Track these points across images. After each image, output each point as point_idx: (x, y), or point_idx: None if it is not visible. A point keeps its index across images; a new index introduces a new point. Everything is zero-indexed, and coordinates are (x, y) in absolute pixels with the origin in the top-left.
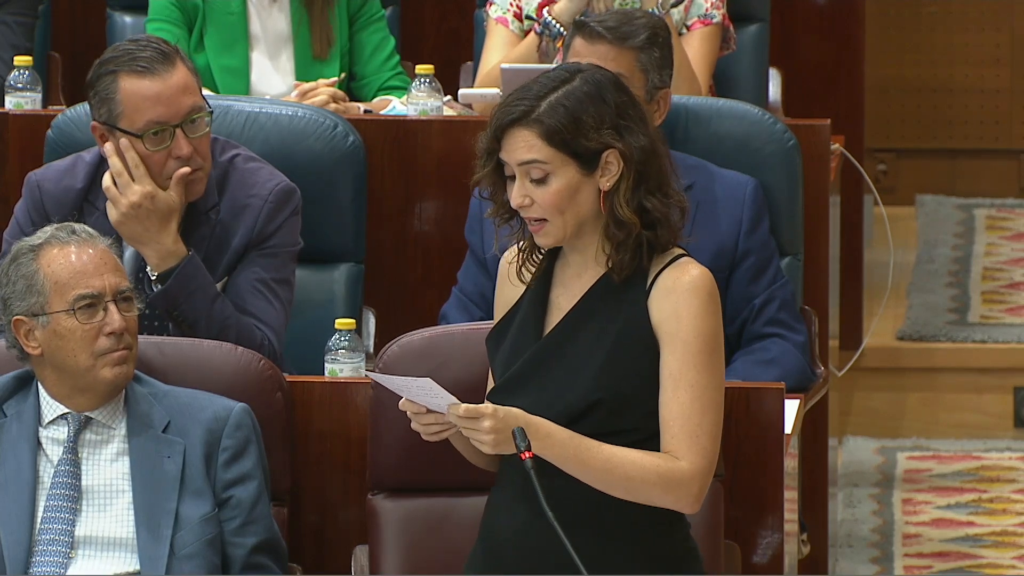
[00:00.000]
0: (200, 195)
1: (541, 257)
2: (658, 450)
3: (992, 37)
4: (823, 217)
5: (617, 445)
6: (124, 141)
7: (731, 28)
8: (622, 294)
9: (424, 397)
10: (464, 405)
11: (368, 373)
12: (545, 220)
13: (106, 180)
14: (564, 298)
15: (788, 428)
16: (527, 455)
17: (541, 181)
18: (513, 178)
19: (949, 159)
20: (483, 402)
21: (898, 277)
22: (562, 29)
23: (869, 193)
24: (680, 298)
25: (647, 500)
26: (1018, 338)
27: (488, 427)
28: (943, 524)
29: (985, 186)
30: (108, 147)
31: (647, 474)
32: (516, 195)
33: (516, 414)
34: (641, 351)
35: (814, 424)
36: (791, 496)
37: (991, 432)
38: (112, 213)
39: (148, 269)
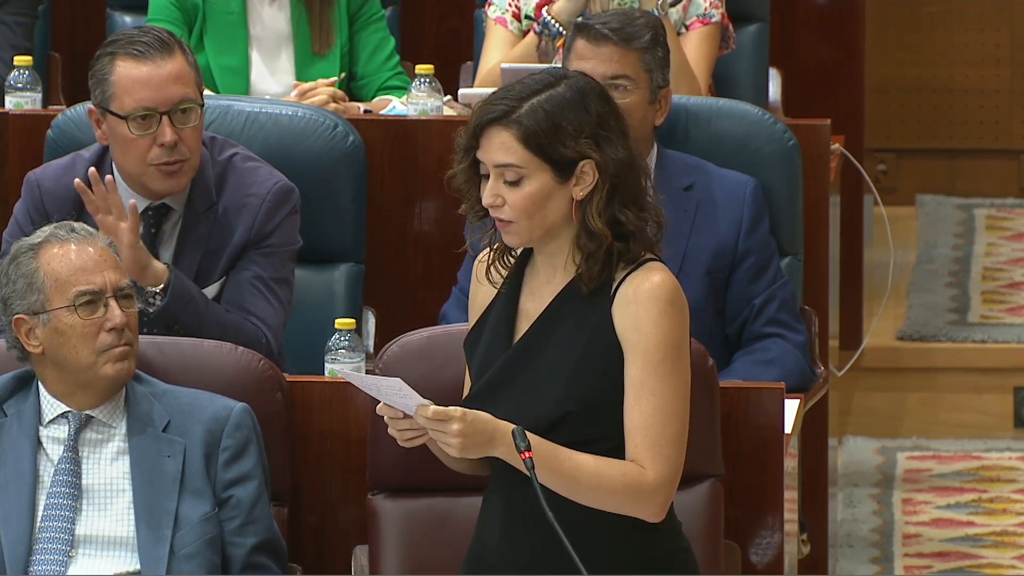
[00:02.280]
0: (184, 189)
1: (513, 259)
2: None
3: (992, 37)
4: (823, 217)
5: (601, 457)
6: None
7: (730, 27)
8: (588, 302)
9: (393, 398)
10: (433, 407)
11: (339, 371)
12: (512, 221)
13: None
14: (532, 304)
15: (788, 428)
16: (527, 455)
17: (514, 183)
18: (488, 176)
19: (949, 159)
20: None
21: (898, 277)
22: (561, 29)
23: (869, 193)
24: (640, 307)
25: (614, 508)
26: (1018, 338)
27: (456, 430)
28: (943, 524)
29: (985, 186)
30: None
31: (613, 484)
32: (488, 194)
33: (484, 419)
34: (608, 360)
35: (814, 424)
36: (791, 496)
37: (991, 432)
38: (125, 239)
39: (149, 288)
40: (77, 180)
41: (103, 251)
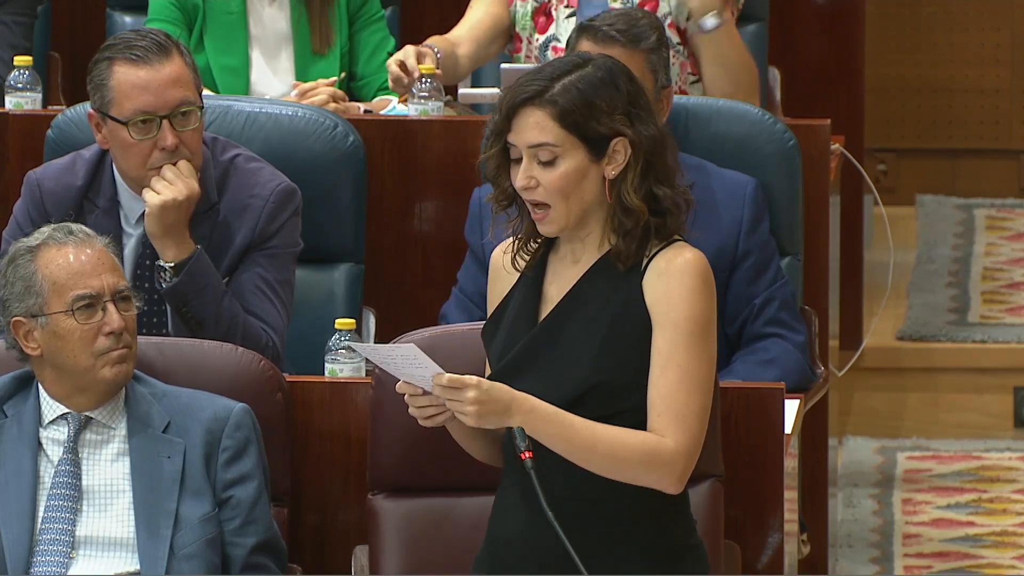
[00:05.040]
0: None
1: (536, 246)
2: None
3: (992, 37)
4: (823, 217)
5: (618, 427)
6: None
7: None
8: (616, 278)
9: (409, 368)
10: (448, 375)
11: (353, 344)
12: (548, 206)
13: (166, 169)
14: (556, 287)
15: (788, 428)
16: (527, 455)
17: (549, 164)
18: (519, 161)
19: (949, 159)
20: None
21: (898, 277)
22: None
23: (869, 193)
24: (672, 280)
25: (631, 479)
26: (1018, 338)
27: (472, 398)
28: (943, 524)
29: (985, 186)
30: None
31: (631, 452)
32: (522, 176)
33: (500, 388)
34: (636, 333)
35: (814, 424)
36: (791, 496)
37: (991, 432)
38: (155, 199)
39: (160, 261)
40: None
41: (101, 253)
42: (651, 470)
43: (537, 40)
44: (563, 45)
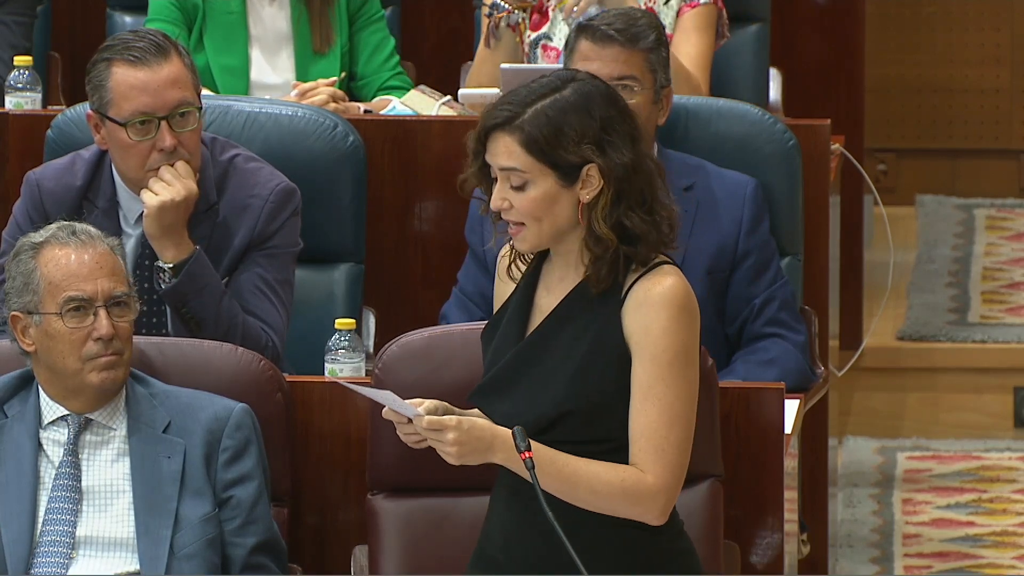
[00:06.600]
0: None
1: (532, 256)
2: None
3: (992, 37)
4: (823, 217)
5: (591, 454)
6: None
7: (724, 13)
8: (598, 303)
9: (392, 404)
10: (427, 418)
11: (339, 381)
12: (523, 224)
13: (164, 170)
14: (546, 300)
15: (788, 428)
16: (527, 455)
17: (520, 187)
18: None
19: (949, 159)
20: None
21: (898, 277)
22: (506, 5)
23: (869, 193)
24: (651, 310)
25: (613, 512)
26: (1018, 338)
27: (452, 439)
28: (943, 524)
29: (985, 186)
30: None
31: (612, 488)
32: (496, 197)
33: (481, 425)
34: (613, 361)
35: (814, 424)
36: (791, 496)
37: (991, 432)
38: (153, 200)
39: (159, 262)
40: None
41: (102, 256)
42: (633, 505)
43: (528, 36)
44: (554, 45)
